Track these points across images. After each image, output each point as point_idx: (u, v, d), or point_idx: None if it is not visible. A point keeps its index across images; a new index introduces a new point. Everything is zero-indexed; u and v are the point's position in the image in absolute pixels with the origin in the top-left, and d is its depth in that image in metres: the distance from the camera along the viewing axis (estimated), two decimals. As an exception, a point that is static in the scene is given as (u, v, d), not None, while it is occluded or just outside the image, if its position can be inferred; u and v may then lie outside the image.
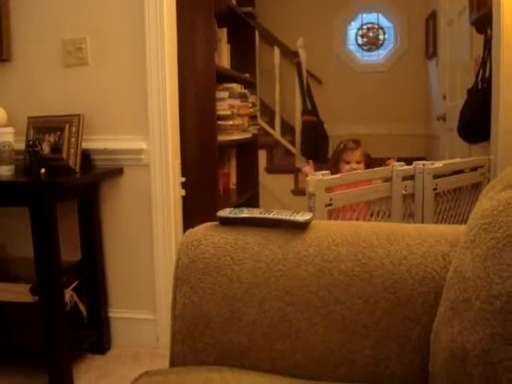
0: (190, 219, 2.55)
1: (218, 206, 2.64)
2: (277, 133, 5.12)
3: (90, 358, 2.41)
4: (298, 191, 4.80)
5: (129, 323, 2.53)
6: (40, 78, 2.49)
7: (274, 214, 1.19)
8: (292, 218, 1.16)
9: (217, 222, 1.25)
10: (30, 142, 2.28)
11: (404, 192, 1.92)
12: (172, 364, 1.22)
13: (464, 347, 0.82)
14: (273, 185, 4.83)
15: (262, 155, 4.71)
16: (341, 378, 1.09)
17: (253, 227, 1.20)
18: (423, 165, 1.95)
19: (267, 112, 5.37)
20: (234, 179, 3.83)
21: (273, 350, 1.13)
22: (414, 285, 1.05)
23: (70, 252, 2.40)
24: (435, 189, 1.97)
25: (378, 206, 1.90)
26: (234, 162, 3.84)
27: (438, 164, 1.99)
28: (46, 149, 2.31)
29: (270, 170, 4.94)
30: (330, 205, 1.67)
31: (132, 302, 2.54)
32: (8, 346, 2.25)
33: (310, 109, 5.08)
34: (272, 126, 5.12)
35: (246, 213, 1.22)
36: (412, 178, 1.96)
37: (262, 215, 1.20)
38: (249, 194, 3.76)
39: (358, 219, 1.83)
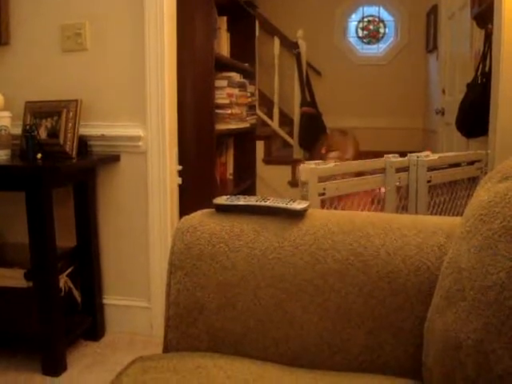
0: (185, 208, 2.54)
1: (214, 196, 2.62)
2: (275, 124, 5.10)
3: (84, 345, 2.41)
4: (295, 183, 4.78)
5: (123, 310, 2.53)
6: (38, 63, 2.48)
7: (270, 202, 1.19)
8: (288, 206, 1.16)
9: (213, 209, 1.24)
10: (27, 127, 2.27)
11: (398, 184, 1.91)
12: (165, 350, 1.21)
13: (458, 337, 0.82)
14: (270, 176, 4.83)
15: (260, 146, 4.70)
16: (334, 367, 1.09)
17: (249, 215, 1.20)
18: (417, 157, 1.95)
19: (266, 103, 5.36)
20: (231, 169, 3.83)
21: (267, 338, 1.13)
22: (408, 275, 1.05)
23: (65, 238, 2.40)
24: (429, 181, 1.97)
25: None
26: (231, 152, 3.83)
27: (433, 156, 1.99)
28: (42, 134, 2.30)
29: (268, 160, 4.93)
30: (324, 194, 1.67)
31: (127, 289, 2.53)
32: (2, 331, 2.25)
33: (308, 100, 5.07)
34: (270, 116, 5.11)
35: (242, 200, 1.22)
36: (406, 169, 1.95)
37: (258, 203, 1.19)
38: (246, 185, 3.76)
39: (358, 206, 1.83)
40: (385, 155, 1.92)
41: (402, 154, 2.04)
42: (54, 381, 2.12)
